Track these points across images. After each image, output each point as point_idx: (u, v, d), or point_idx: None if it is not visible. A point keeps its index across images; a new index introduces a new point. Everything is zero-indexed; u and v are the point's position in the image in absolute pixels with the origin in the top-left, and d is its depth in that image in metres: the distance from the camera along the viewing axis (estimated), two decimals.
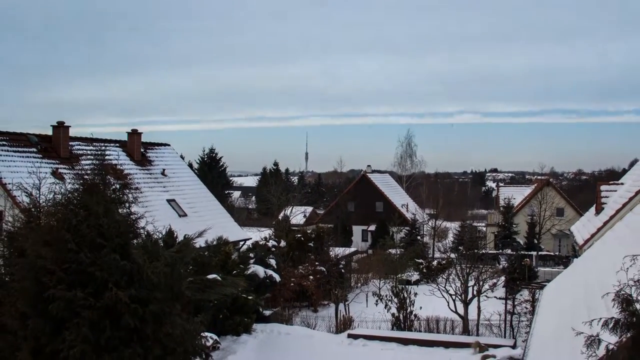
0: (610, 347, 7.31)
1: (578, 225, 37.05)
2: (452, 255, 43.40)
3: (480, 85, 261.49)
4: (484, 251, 45.15)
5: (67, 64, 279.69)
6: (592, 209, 36.70)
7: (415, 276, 49.78)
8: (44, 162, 32.32)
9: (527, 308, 31.37)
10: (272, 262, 32.66)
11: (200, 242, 23.04)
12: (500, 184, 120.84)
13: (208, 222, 32.11)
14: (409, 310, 29.72)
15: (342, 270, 42.33)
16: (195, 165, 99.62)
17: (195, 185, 44.52)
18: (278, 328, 27.52)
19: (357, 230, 77.15)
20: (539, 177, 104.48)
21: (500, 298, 33.49)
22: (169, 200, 38.69)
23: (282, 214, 59.46)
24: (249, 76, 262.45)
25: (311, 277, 36.17)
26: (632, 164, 53.60)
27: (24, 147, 32.89)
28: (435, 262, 54.23)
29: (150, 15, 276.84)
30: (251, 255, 32.53)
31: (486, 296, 31.98)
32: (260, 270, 30.35)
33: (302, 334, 27.25)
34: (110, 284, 11.95)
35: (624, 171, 60.01)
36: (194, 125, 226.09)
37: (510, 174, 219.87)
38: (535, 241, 65.19)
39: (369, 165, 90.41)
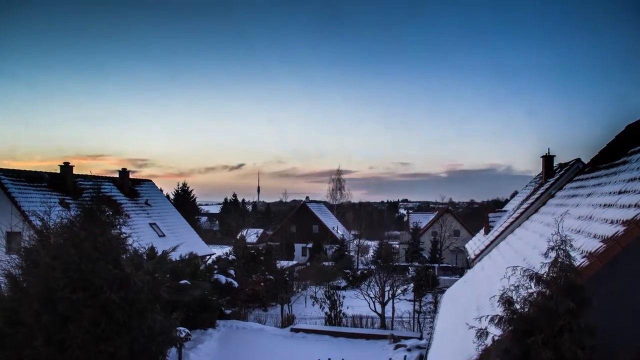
0: (496, 338, 7.54)
1: (471, 244, 37.29)
2: (372, 267, 43.68)
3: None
4: (397, 263, 45.68)
5: None
6: (482, 231, 37.03)
7: (343, 283, 49.84)
8: (53, 194, 31.89)
9: (430, 308, 31.83)
10: (232, 272, 32.51)
11: (175, 256, 22.94)
12: (410, 211, 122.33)
13: (181, 240, 32.03)
14: (338, 309, 29.94)
15: (287, 279, 42.27)
16: (172, 197, 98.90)
17: (172, 212, 44.22)
18: (236, 323, 27.45)
19: (298, 247, 76.98)
20: (440, 206, 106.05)
21: (410, 300, 33.83)
22: (151, 224, 38.41)
23: (239, 235, 59.20)
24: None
25: (262, 283, 36.06)
26: (512, 195, 54.64)
27: (37, 182, 32.36)
28: (359, 272, 54.40)
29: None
30: (215, 266, 32.44)
31: (399, 298, 32.35)
32: (222, 278, 30.27)
33: (255, 328, 27.25)
34: (105, 288, 12.00)
35: (507, 201, 61.33)
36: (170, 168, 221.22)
37: (417, 203, 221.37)
38: (437, 255, 66.14)
39: (307, 197, 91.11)
